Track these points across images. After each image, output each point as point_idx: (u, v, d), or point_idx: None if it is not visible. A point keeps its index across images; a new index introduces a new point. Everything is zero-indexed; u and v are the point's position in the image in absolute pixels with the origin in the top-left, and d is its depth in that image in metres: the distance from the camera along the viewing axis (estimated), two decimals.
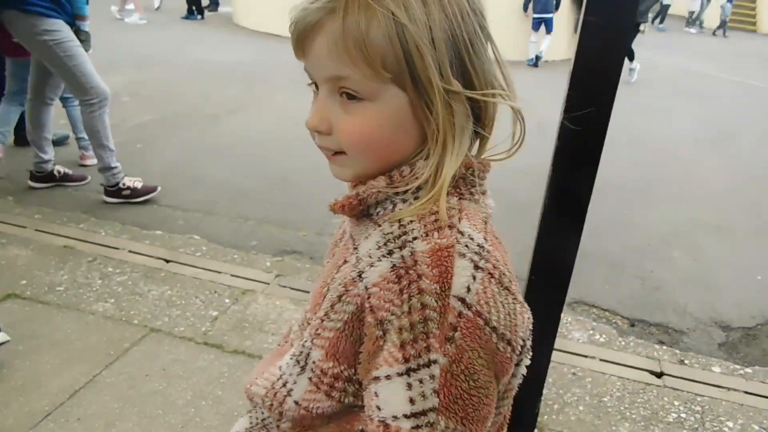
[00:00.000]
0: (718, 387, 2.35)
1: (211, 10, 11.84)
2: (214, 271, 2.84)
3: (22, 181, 3.69)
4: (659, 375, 2.39)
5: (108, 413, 1.98)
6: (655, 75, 9.03)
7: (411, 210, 0.63)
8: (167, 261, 2.90)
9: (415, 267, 0.58)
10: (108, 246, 3.00)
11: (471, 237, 0.61)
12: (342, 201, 0.68)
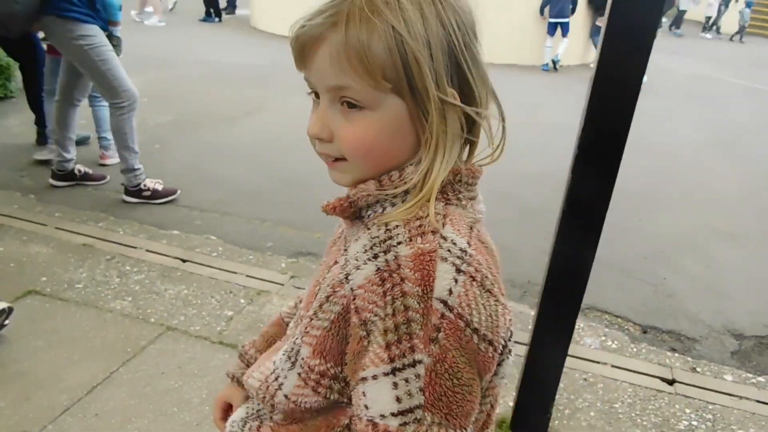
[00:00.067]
0: (730, 395, 2.35)
1: (229, 12, 11.93)
2: (229, 272, 2.88)
3: (43, 180, 3.76)
4: (671, 382, 2.39)
5: (125, 409, 2.01)
6: (670, 80, 8.97)
7: (397, 214, 0.66)
8: (184, 261, 2.95)
9: (399, 270, 0.61)
10: (126, 245, 3.05)
11: (454, 242, 0.63)
12: (333, 203, 0.71)
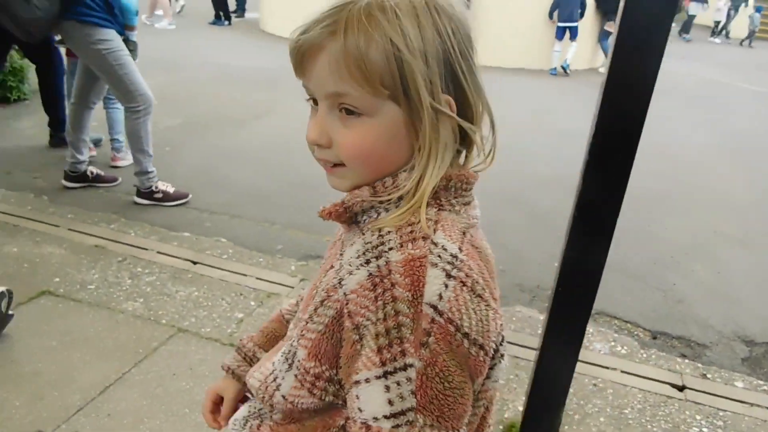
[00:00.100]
0: (740, 402, 2.34)
1: (238, 16, 11.99)
2: (240, 274, 2.90)
3: (56, 181, 3.80)
4: (681, 388, 2.39)
5: (137, 410, 2.03)
6: (679, 84, 8.94)
7: (390, 220, 0.67)
8: (194, 263, 2.97)
9: (390, 276, 0.63)
10: (137, 246, 3.08)
11: (444, 247, 0.64)
12: (329, 208, 0.72)
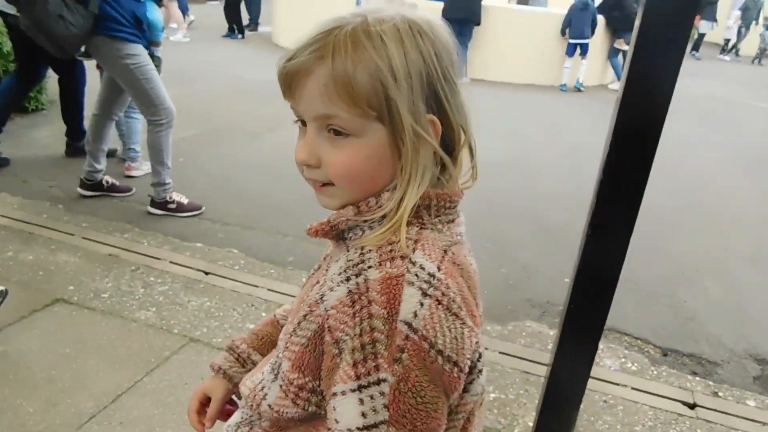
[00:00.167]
0: (752, 421, 2.33)
1: (251, 29, 12.10)
2: (251, 285, 2.92)
3: (71, 190, 3.85)
4: (692, 406, 2.38)
5: (149, 419, 2.05)
6: (689, 102, 8.94)
7: (372, 238, 0.69)
8: (206, 273, 2.99)
9: (367, 293, 0.65)
10: (150, 256, 3.11)
11: (422, 266, 0.66)
12: (316, 227, 0.76)
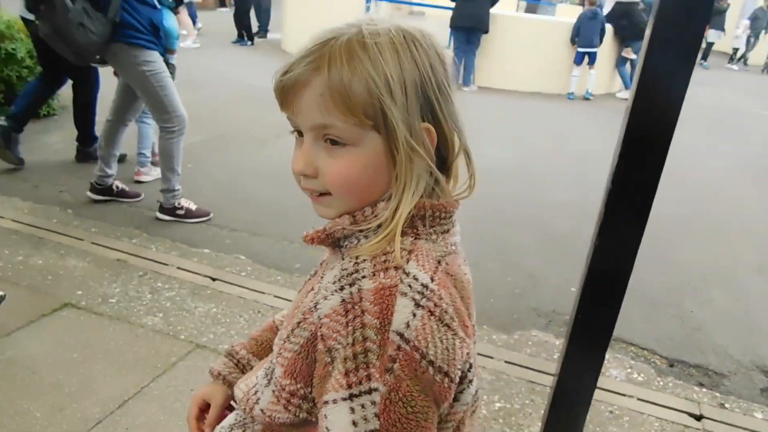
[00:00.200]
0: None
1: (261, 36, 12.17)
2: (258, 292, 2.92)
3: (81, 195, 3.87)
4: (699, 418, 2.36)
5: (154, 425, 2.05)
6: (698, 111, 8.92)
7: (367, 248, 0.70)
8: (213, 279, 3.00)
9: (360, 303, 0.66)
10: (158, 262, 3.12)
11: (416, 277, 0.67)
12: (312, 234, 0.77)
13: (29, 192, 3.87)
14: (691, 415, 2.37)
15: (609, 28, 9.53)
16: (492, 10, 9.10)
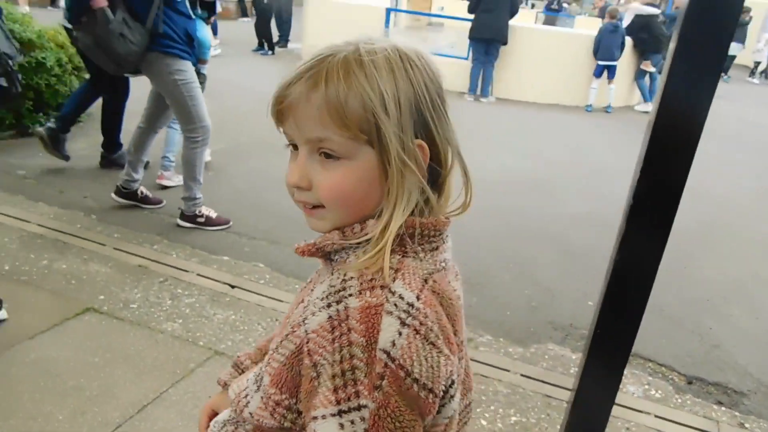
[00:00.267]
0: None
1: (281, 46, 12.28)
2: (276, 300, 2.95)
3: (104, 202, 3.94)
4: None
5: (172, 430, 2.08)
6: (717, 124, 8.83)
7: (355, 265, 0.72)
8: (232, 286, 3.04)
9: (347, 321, 0.67)
10: (178, 268, 3.17)
11: (402, 296, 0.68)
12: (302, 247, 0.78)
13: (54, 197, 3.95)
14: None
15: (628, 40, 9.50)
16: (511, 21, 9.11)
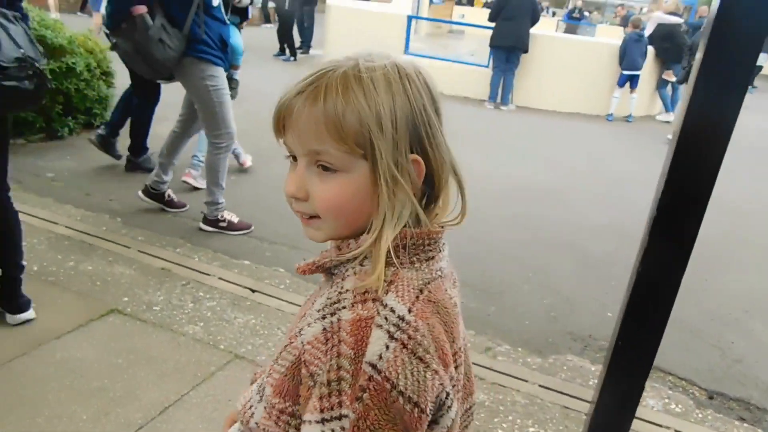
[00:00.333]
0: None
1: (303, 52, 12.37)
2: (296, 305, 2.97)
3: (130, 204, 4.01)
4: None
5: None
6: (740, 136, 8.72)
7: (353, 280, 0.74)
8: (253, 291, 3.07)
9: (339, 333, 0.70)
10: (200, 272, 3.21)
11: (393, 309, 0.70)
12: (303, 266, 0.81)
13: (81, 200, 4.03)
14: None
15: (650, 50, 9.43)
16: (532, 30, 9.10)
